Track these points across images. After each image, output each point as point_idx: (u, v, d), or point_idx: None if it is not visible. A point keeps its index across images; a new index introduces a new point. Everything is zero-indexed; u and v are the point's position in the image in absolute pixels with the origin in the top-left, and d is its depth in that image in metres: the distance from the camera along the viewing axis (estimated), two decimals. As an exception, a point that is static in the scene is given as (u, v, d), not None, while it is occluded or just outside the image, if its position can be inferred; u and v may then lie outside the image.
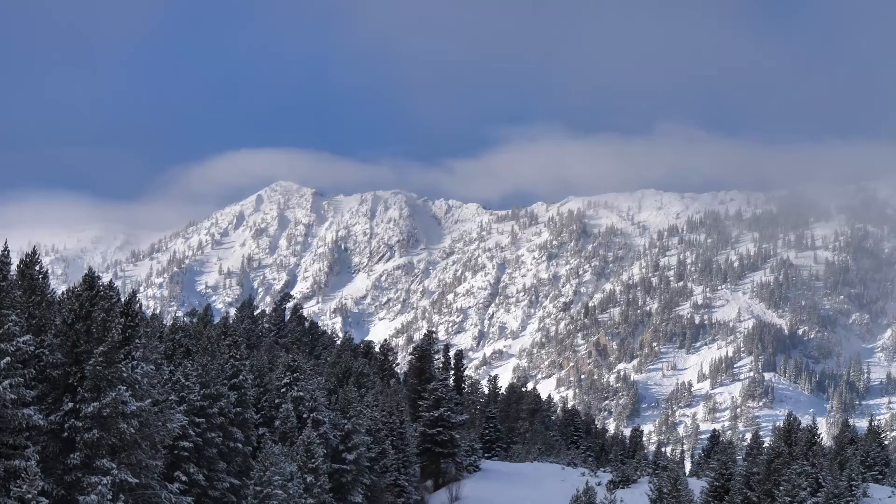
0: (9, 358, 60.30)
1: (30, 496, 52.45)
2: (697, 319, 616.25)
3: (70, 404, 65.29)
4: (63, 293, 74.38)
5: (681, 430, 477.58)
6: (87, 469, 64.29)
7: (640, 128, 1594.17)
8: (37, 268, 71.25)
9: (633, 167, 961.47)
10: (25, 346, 62.37)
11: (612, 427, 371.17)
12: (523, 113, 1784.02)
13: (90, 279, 68.84)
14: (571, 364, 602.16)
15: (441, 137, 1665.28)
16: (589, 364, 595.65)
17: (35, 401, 63.87)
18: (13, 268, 67.22)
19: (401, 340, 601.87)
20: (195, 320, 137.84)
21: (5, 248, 66.74)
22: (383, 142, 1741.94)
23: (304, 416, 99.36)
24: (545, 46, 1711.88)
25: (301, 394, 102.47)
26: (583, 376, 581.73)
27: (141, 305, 78.15)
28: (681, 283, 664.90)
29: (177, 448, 79.90)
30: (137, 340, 69.74)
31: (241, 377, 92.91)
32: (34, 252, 72.33)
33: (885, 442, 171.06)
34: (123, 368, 65.72)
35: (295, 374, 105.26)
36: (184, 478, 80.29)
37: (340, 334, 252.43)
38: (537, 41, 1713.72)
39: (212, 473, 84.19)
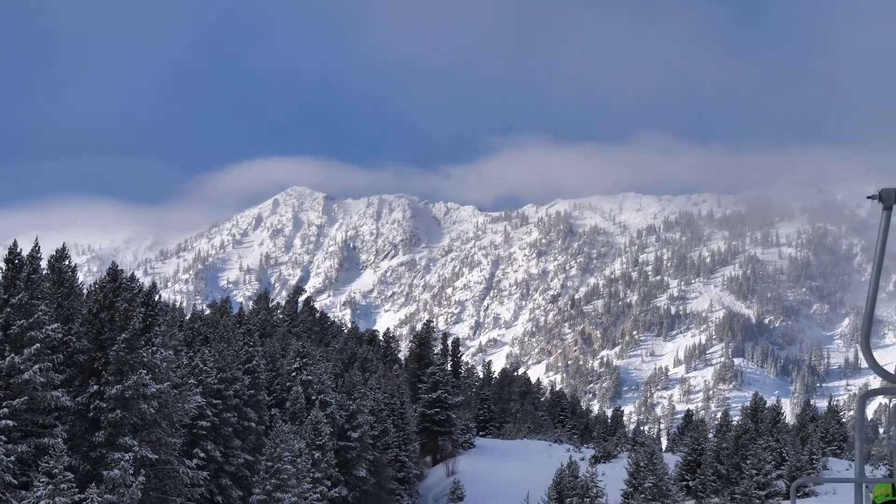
0: (38, 345, 59.90)
1: (56, 471, 51.82)
2: (673, 310, 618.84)
3: (95, 387, 64.95)
4: (90, 286, 74.00)
5: (658, 411, 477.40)
6: (111, 446, 63.94)
7: (619, 137, 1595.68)
8: (65, 262, 71.00)
9: (614, 172, 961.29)
10: (54, 334, 62.07)
11: (595, 408, 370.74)
12: (513, 123, 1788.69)
13: (113, 273, 68.54)
14: (559, 351, 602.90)
15: (439, 145, 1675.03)
16: (575, 351, 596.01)
17: (63, 384, 63.71)
18: (44, 263, 67.04)
19: (404, 330, 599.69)
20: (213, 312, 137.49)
21: (36, 246, 66.60)
22: (386, 150, 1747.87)
23: (313, 397, 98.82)
24: (534, 62, 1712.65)
25: (310, 377, 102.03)
26: (569, 362, 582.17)
27: (160, 297, 77.88)
28: (658, 278, 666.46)
29: (196, 427, 79.97)
30: (157, 328, 69.58)
31: (254, 362, 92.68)
32: (63, 248, 72.14)
33: (843, 420, 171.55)
34: (144, 354, 65.41)
35: (304, 360, 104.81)
36: (202, 454, 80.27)
37: (349, 325, 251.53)
38: (527, 58, 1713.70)
39: (228, 450, 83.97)
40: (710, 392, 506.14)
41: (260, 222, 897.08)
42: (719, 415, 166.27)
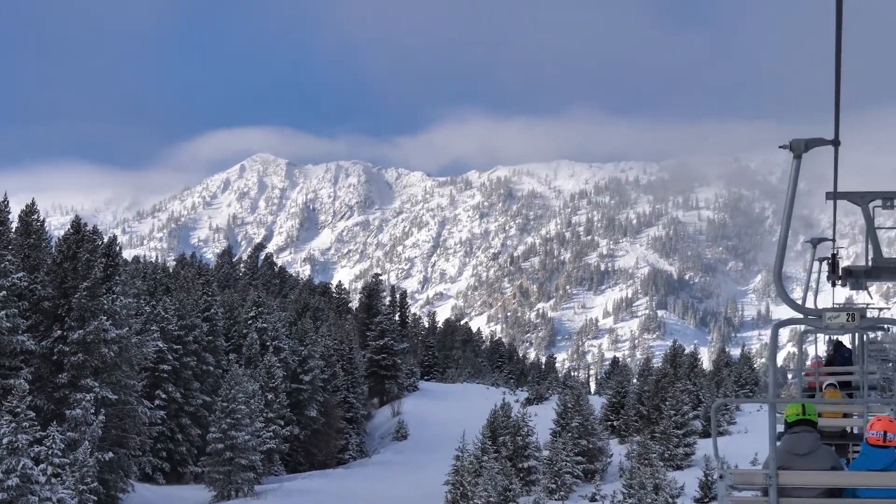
0: (5, 292, 58.61)
1: (19, 410, 50.14)
2: (603, 267, 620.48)
3: (59, 332, 63.79)
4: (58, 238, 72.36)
5: (589, 358, 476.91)
6: (73, 387, 62.76)
7: (554, 109, 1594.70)
8: (34, 217, 69.16)
9: (549, 142, 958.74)
10: (20, 282, 60.85)
11: (532, 355, 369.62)
12: (458, 96, 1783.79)
13: (76, 225, 66.92)
14: (499, 303, 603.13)
15: (391, 116, 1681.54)
16: (514, 303, 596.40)
17: (29, 329, 62.75)
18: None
19: (359, 285, 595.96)
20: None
21: (4, 199, 65.10)
22: (343, 120, 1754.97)
23: (267, 343, 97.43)
24: (477, 39, 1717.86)
25: (265, 325, 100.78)
26: (508, 314, 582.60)
27: (120, 248, 76.21)
28: (589, 237, 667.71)
29: (158, 371, 79.86)
30: (117, 277, 67.96)
31: (212, 310, 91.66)
32: (32, 203, 70.20)
33: (755, 366, 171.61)
34: (105, 301, 64.07)
35: (260, 309, 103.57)
36: (164, 396, 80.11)
37: (307, 279, 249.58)
38: (471, 34, 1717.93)
39: (187, 392, 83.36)
40: (636, 341, 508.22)
41: (228, 186, 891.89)
42: (643, 361, 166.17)
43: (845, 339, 29.82)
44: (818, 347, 30.93)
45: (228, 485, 73.64)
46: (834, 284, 18.83)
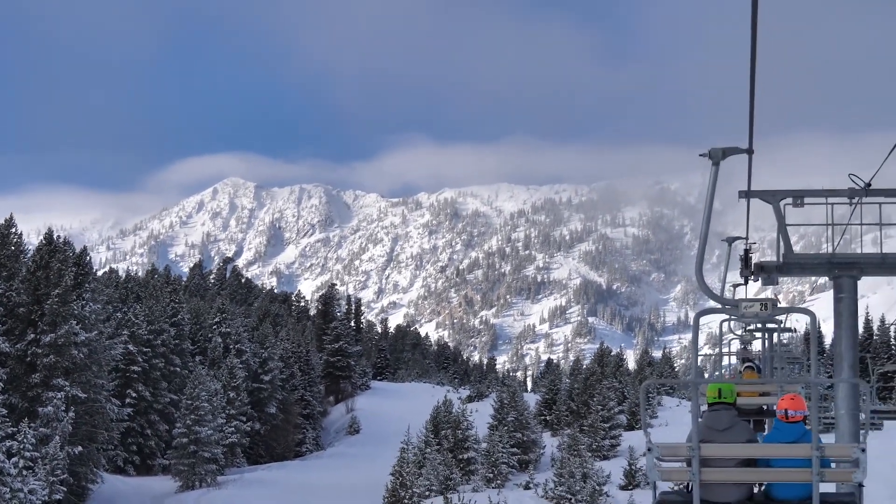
0: (-20, 298, 56.68)
1: (-8, 407, 48.41)
2: (539, 278, 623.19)
3: (32, 335, 62.08)
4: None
5: (527, 360, 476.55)
6: (46, 386, 61.05)
7: (495, 137, 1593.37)
8: (12, 230, 67.25)
9: (491, 166, 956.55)
10: (-4, 290, 58.94)
11: (476, 358, 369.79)
12: (406, 124, 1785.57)
13: (49, 237, 65.13)
14: (447, 311, 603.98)
15: (346, 142, 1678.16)
16: (459, 311, 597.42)
17: (4, 333, 61.21)
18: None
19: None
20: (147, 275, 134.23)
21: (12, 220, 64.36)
22: (306, 147, 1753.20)
23: (231, 346, 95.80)
24: (424, 74, 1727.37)
25: (228, 330, 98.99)
26: (455, 320, 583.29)
27: (90, 258, 74.62)
28: (527, 252, 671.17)
29: (129, 371, 78.90)
30: (87, 285, 66.28)
31: (179, 316, 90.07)
32: (11, 217, 68.08)
33: (675, 367, 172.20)
34: (75, 307, 62.41)
35: (224, 315, 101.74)
36: (134, 394, 78.92)
37: (273, 289, 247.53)
38: (419, 70, 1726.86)
39: (156, 391, 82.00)
40: (569, 345, 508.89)
41: (202, 207, 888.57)
42: (573, 362, 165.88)
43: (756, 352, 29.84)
44: (731, 360, 31.14)
45: (193, 476, 72.52)
46: (747, 280, 18.59)
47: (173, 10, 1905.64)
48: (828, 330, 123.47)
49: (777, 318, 24.71)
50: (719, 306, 12.10)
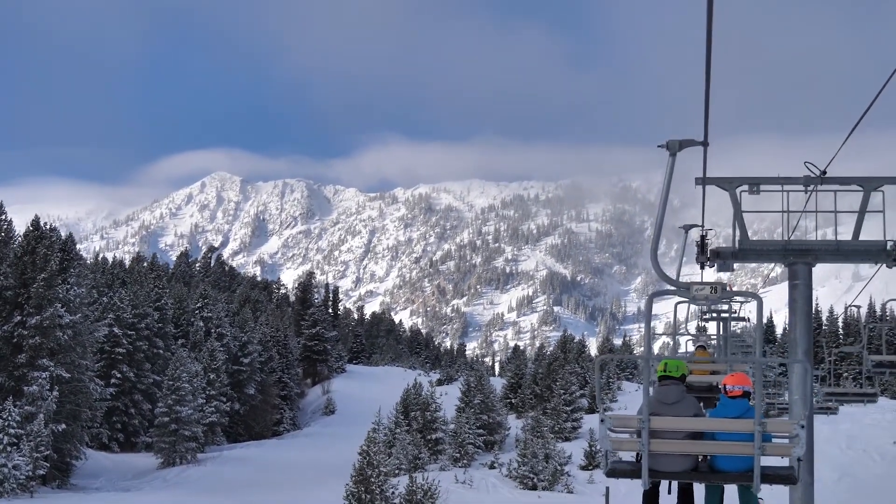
0: (-31, 282, 55.51)
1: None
2: (508, 269, 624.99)
3: (18, 318, 61.08)
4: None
5: (496, 346, 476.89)
6: (31, 366, 60.09)
7: (466, 136, 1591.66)
8: (2, 217, 66.10)
9: (463, 164, 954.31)
10: (-17, 274, 57.78)
11: (448, 344, 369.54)
12: (382, 123, 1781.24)
13: (35, 224, 63.90)
14: (420, 300, 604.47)
15: (326, 139, 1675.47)
16: (433, 300, 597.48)
17: None
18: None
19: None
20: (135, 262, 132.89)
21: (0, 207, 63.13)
22: (288, 143, 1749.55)
23: (212, 330, 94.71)
24: (399, 74, 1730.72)
25: (210, 314, 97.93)
26: (428, 309, 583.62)
27: (75, 244, 73.48)
28: (497, 245, 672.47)
29: (114, 353, 77.94)
30: (72, 270, 65.10)
31: (163, 301, 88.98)
32: (0, 205, 66.77)
33: (635, 353, 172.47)
34: (60, 291, 61.27)
35: (206, 300, 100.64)
36: (118, 375, 77.95)
37: (255, 278, 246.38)
38: (395, 71, 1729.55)
39: (140, 372, 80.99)
40: (536, 332, 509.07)
41: (191, 199, 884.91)
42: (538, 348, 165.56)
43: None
44: (687, 346, 30.66)
45: (174, 453, 71.68)
46: (703, 266, 17.79)
47: (165, 14, 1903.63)
48: (779, 320, 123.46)
49: (732, 307, 24.81)
50: (673, 288, 12.11)
